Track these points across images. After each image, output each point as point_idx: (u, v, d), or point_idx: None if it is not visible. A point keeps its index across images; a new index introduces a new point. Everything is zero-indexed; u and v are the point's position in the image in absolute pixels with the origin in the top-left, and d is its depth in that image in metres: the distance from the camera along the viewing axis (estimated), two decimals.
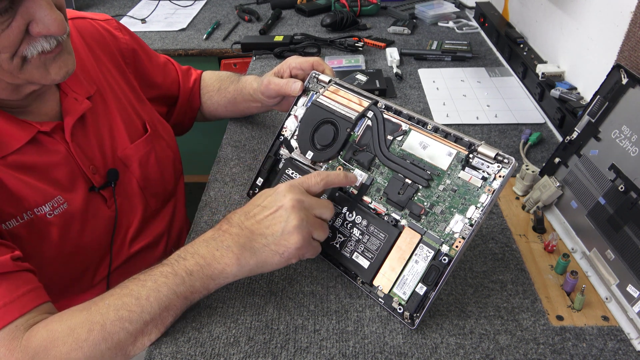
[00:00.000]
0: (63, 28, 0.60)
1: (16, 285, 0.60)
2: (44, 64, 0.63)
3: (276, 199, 0.61)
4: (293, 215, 0.59)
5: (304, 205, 0.60)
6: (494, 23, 1.42)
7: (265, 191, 0.64)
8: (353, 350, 0.61)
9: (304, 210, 0.60)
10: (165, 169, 0.90)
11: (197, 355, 0.60)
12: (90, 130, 0.78)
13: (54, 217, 0.70)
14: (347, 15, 1.52)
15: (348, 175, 0.66)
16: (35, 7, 0.58)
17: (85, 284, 0.78)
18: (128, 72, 0.89)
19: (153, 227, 0.88)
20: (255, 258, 0.60)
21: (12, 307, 0.59)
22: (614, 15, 0.89)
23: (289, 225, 0.59)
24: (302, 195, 0.61)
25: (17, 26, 0.58)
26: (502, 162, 0.59)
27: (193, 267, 0.60)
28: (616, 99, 0.70)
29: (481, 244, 0.75)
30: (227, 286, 0.69)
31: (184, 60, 1.09)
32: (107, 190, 0.78)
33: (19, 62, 0.60)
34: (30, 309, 0.60)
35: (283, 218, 0.59)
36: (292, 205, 0.59)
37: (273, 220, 0.60)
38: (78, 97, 0.75)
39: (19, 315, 0.59)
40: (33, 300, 0.61)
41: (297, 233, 0.59)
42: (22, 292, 0.60)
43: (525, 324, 0.63)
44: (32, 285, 0.62)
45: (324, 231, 0.62)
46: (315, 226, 0.61)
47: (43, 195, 0.69)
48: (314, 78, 0.81)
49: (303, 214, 0.60)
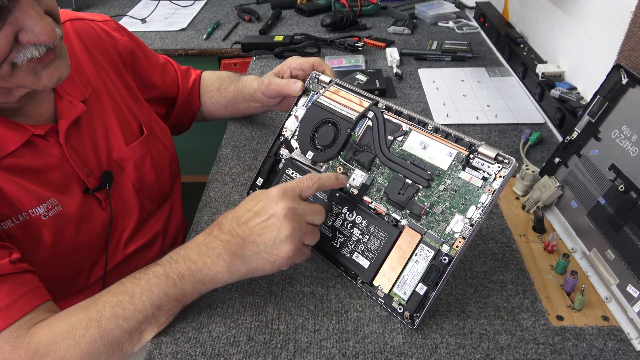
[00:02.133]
0: (53, 36, 0.60)
1: (16, 286, 0.61)
2: (34, 71, 0.63)
3: (269, 205, 0.60)
4: (285, 225, 0.59)
5: (297, 213, 0.60)
6: (494, 23, 1.42)
7: (258, 194, 0.63)
8: (353, 350, 0.61)
9: (296, 218, 0.60)
10: (162, 171, 0.90)
11: (197, 355, 0.60)
12: (85, 133, 0.78)
13: (48, 219, 0.71)
14: (347, 15, 1.53)
15: (339, 177, 0.66)
16: (24, 17, 0.57)
17: (81, 285, 0.79)
18: (126, 74, 0.89)
19: (148, 228, 0.89)
20: (247, 265, 0.61)
21: (14, 308, 0.60)
22: (614, 15, 0.89)
23: (281, 235, 0.59)
24: (295, 202, 0.60)
25: (6, 35, 0.57)
26: (502, 162, 0.59)
27: (184, 271, 0.61)
28: (616, 99, 0.70)
29: (481, 244, 0.75)
30: (227, 286, 0.69)
31: (183, 61, 1.09)
32: (101, 193, 0.78)
33: (8, 69, 0.60)
34: (32, 309, 0.61)
35: (275, 227, 0.59)
36: (284, 214, 0.59)
37: (265, 229, 0.59)
38: (73, 100, 0.75)
39: (21, 316, 0.60)
40: (34, 301, 0.62)
41: (289, 242, 0.59)
42: (22, 292, 0.61)
43: (525, 324, 0.63)
44: (33, 286, 0.63)
45: (314, 237, 0.63)
46: (306, 233, 0.61)
47: (37, 198, 0.70)
48: (314, 78, 0.81)
49: (295, 223, 0.59)
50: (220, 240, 0.61)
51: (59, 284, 0.74)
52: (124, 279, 0.63)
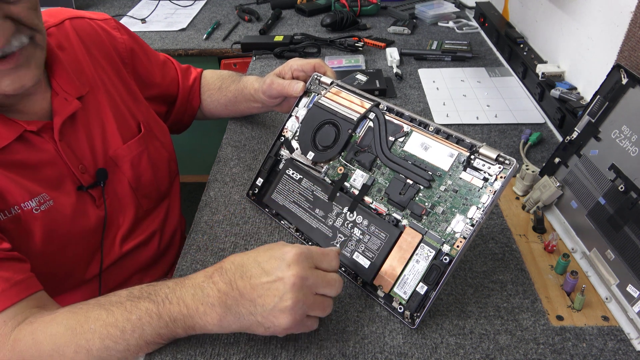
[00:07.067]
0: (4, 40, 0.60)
1: (6, 275, 0.62)
2: None
3: (279, 267, 0.55)
4: (289, 295, 0.54)
5: (307, 284, 0.55)
6: (494, 23, 1.43)
7: (274, 246, 0.58)
8: (353, 350, 0.61)
9: (305, 290, 0.55)
10: (159, 170, 0.90)
11: (197, 355, 0.60)
12: (81, 130, 0.78)
13: (40, 213, 0.71)
14: (347, 15, 1.53)
15: None
16: None
17: (77, 281, 0.79)
18: (125, 72, 0.89)
19: (145, 227, 0.88)
20: (239, 323, 0.57)
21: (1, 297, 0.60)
22: (614, 15, 0.89)
23: (282, 304, 0.54)
24: (308, 272, 0.55)
25: None
26: (503, 163, 0.59)
27: (177, 315, 0.58)
28: (616, 99, 0.70)
29: (481, 244, 0.75)
30: None
31: (183, 61, 1.09)
32: (96, 190, 0.79)
33: None
34: (21, 299, 0.62)
35: (278, 293, 0.54)
36: (292, 283, 0.54)
37: (268, 291, 0.54)
38: (68, 97, 0.75)
39: (9, 304, 0.60)
40: (23, 291, 0.62)
41: (289, 314, 0.54)
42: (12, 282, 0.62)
43: (525, 324, 0.63)
44: (22, 276, 0.63)
45: (323, 310, 0.58)
46: (313, 307, 0.56)
47: (29, 192, 0.70)
48: (315, 80, 0.81)
49: (301, 296, 0.54)
50: (218, 290, 0.56)
51: (54, 279, 0.74)
52: (112, 303, 0.60)
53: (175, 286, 0.59)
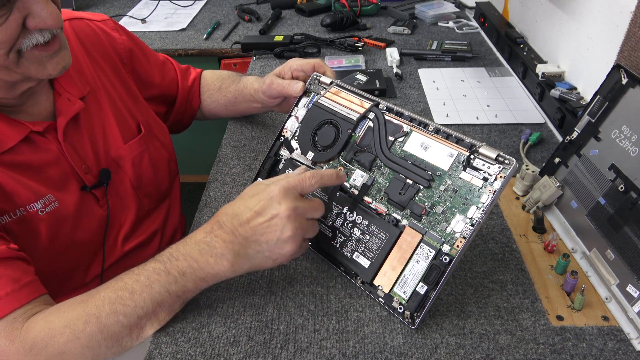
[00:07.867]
0: (59, 21, 0.62)
1: (15, 276, 0.62)
2: (40, 60, 0.64)
3: (271, 205, 0.60)
4: (289, 226, 0.60)
5: (298, 212, 0.61)
6: (494, 23, 1.43)
7: (257, 190, 0.63)
8: (353, 350, 0.61)
9: (299, 218, 0.61)
10: (159, 170, 0.90)
11: (197, 355, 0.60)
12: (84, 131, 0.78)
13: (45, 215, 0.71)
14: (347, 15, 1.53)
15: (340, 174, 0.67)
16: (31, 1, 0.59)
17: (78, 282, 0.79)
18: (124, 73, 0.89)
19: (146, 226, 0.89)
20: (250, 263, 0.62)
21: (11, 298, 0.60)
22: (614, 15, 0.89)
23: (284, 235, 0.60)
24: (297, 202, 0.61)
25: (15, 20, 0.59)
26: (503, 163, 0.59)
27: (186, 268, 0.61)
28: (616, 99, 0.70)
29: (481, 244, 0.75)
30: (227, 286, 0.69)
31: (183, 61, 1.09)
32: (99, 190, 0.79)
33: (14, 57, 0.61)
34: (29, 301, 0.62)
35: (278, 227, 0.60)
36: (287, 215, 0.60)
37: (268, 229, 0.60)
38: (71, 97, 0.76)
39: (18, 306, 0.60)
40: (31, 293, 0.62)
41: (292, 242, 0.61)
42: (22, 284, 0.62)
43: (525, 324, 0.63)
44: (30, 278, 0.64)
45: (314, 231, 0.65)
46: (307, 230, 0.63)
47: (35, 193, 0.70)
48: (315, 80, 0.81)
49: (297, 223, 0.61)
50: (223, 240, 0.61)
51: (56, 280, 0.74)
52: (122, 274, 0.63)
53: (178, 246, 0.63)
